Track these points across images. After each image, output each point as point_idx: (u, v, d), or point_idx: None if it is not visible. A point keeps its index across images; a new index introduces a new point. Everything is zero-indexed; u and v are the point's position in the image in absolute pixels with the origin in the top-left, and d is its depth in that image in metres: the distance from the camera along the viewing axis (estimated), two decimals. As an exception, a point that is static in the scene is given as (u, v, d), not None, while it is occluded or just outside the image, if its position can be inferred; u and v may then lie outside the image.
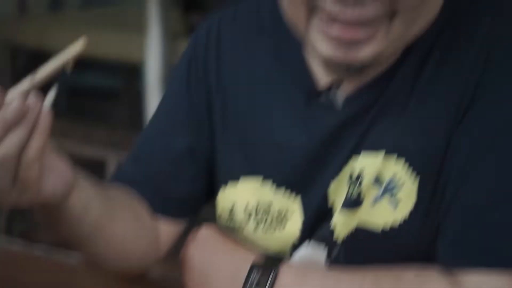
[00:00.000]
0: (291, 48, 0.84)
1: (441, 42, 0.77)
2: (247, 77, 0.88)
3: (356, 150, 0.79)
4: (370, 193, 0.78)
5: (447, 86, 0.76)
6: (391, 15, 0.71)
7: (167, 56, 2.49)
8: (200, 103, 0.90)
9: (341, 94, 0.81)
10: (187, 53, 0.93)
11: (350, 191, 0.79)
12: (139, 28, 2.53)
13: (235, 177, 0.87)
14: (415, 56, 0.78)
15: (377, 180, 0.78)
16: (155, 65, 2.48)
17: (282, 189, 0.84)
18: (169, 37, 2.50)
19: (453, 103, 0.75)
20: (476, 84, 0.74)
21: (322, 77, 0.82)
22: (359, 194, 0.79)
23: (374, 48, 0.72)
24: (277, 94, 0.85)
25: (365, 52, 0.72)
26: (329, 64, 0.76)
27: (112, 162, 2.38)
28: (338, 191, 0.80)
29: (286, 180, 0.84)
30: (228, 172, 0.89)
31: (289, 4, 0.78)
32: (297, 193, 0.83)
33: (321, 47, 0.73)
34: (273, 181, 0.84)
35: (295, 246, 0.84)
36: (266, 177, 0.85)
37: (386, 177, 0.78)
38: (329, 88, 0.81)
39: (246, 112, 0.87)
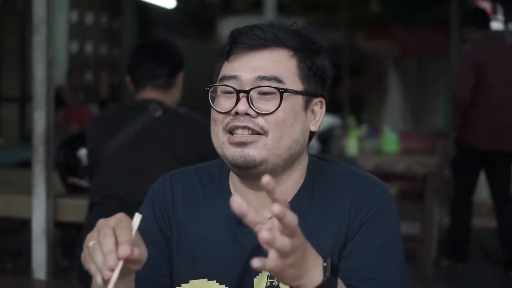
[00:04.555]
0: (223, 195, 1.37)
1: (317, 194, 1.33)
2: (195, 214, 1.38)
3: None
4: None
5: (330, 217, 1.32)
6: (266, 133, 1.27)
7: (51, 213, 2.87)
8: (164, 225, 1.39)
9: None
10: (149, 197, 1.43)
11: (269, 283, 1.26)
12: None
13: (186, 281, 1.34)
14: (305, 195, 1.33)
15: None
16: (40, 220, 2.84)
17: (223, 285, 1.29)
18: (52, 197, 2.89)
19: (336, 225, 1.31)
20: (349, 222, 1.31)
21: None
22: (277, 285, 1.26)
23: (259, 150, 1.27)
24: (218, 224, 1.36)
25: (253, 151, 1.26)
26: (236, 167, 1.29)
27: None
28: (260, 283, 1.29)
29: (226, 279, 1.31)
30: (180, 277, 1.34)
31: (215, 138, 1.32)
32: (234, 286, 1.29)
33: (228, 152, 1.26)
34: (217, 281, 1.33)
35: None
36: (210, 278, 1.32)
37: None
38: None
39: (195, 237, 1.37)
